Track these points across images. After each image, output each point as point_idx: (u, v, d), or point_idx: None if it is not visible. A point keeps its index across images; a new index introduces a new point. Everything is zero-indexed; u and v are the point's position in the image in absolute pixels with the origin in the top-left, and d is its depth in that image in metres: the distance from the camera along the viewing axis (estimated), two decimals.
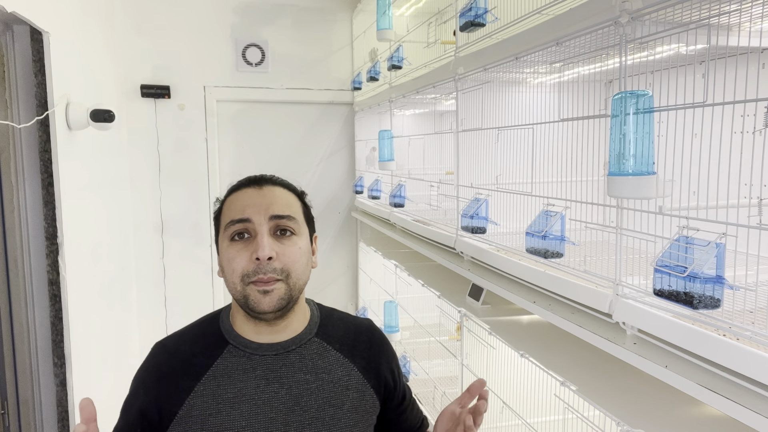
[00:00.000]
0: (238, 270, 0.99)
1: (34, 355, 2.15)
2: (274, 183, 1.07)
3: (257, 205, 1.01)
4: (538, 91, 2.01)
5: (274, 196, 1.04)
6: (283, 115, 3.78)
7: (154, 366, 1.08)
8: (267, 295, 0.98)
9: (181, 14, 3.47)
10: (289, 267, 1.00)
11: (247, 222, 1.00)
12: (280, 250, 0.99)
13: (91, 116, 2.20)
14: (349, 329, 1.14)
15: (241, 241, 1.00)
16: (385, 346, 1.16)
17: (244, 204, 1.02)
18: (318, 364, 1.06)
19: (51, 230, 2.13)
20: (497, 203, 1.89)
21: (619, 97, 1.13)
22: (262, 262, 0.97)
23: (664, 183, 1.12)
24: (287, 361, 1.05)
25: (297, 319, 1.07)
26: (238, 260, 0.99)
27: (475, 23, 1.83)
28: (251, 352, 1.04)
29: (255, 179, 1.06)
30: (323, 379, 1.05)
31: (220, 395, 1.01)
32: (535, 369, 1.57)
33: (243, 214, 1.00)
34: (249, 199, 1.02)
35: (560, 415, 1.45)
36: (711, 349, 1.02)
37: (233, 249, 1.00)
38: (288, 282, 1.00)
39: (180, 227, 3.57)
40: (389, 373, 1.13)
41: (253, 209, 1.00)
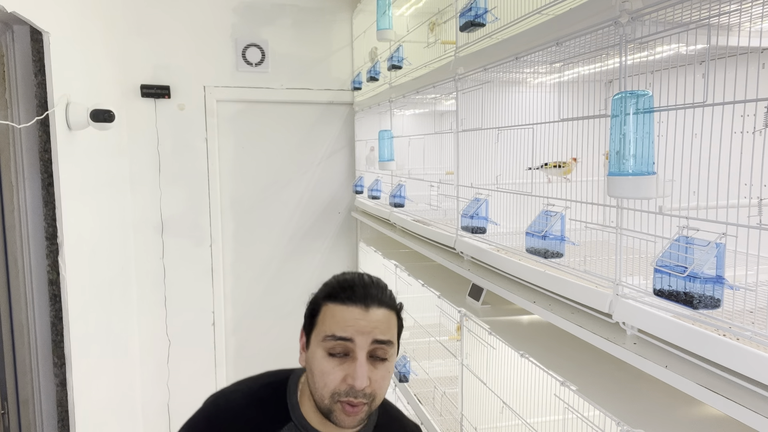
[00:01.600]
0: (330, 386, 1.00)
1: (34, 355, 2.15)
2: (380, 303, 1.05)
3: (361, 329, 1.01)
4: (538, 91, 2.01)
5: (379, 320, 1.03)
6: (283, 115, 3.78)
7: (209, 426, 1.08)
8: (350, 417, 1.01)
9: (181, 14, 3.47)
10: (376, 392, 1.03)
11: (348, 342, 1.01)
12: (373, 376, 1.01)
13: (91, 116, 2.20)
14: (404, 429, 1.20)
15: (337, 358, 1.01)
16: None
17: (348, 323, 1.01)
18: None
19: (51, 230, 2.13)
20: (497, 203, 1.89)
21: (619, 97, 1.13)
22: (356, 390, 0.99)
23: (664, 183, 1.12)
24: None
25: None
26: (332, 377, 1.00)
27: (475, 23, 1.83)
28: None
29: (363, 296, 1.04)
30: None
31: None
32: (535, 369, 1.57)
33: (345, 333, 1.00)
34: (354, 321, 1.01)
35: (560, 415, 1.45)
36: (711, 349, 1.02)
37: (329, 364, 1.01)
38: (371, 404, 1.03)
39: (180, 227, 3.57)
40: None
41: (356, 330, 1.01)
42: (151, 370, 3.52)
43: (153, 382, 3.53)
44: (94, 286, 2.55)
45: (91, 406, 2.37)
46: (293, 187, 3.82)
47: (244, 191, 3.75)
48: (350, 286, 1.04)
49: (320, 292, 1.07)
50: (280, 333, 3.78)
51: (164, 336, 3.56)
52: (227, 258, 3.74)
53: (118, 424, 2.93)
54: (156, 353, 3.54)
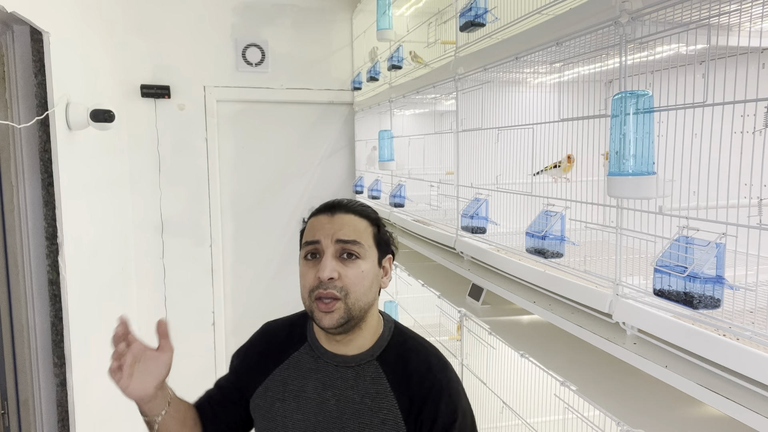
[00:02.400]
0: (307, 285, 1.10)
1: (34, 355, 2.14)
2: (346, 210, 1.15)
3: (326, 230, 1.11)
4: (538, 91, 2.01)
5: (343, 223, 1.12)
6: (283, 115, 3.78)
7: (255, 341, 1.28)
8: (328, 315, 1.07)
9: (181, 14, 3.47)
10: (348, 287, 1.08)
11: (316, 244, 1.10)
12: (342, 271, 1.08)
13: (91, 116, 2.20)
14: (411, 364, 1.13)
15: (312, 260, 1.11)
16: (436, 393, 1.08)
17: (316, 228, 1.12)
18: (368, 388, 1.11)
19: (51, 230, 2.12)
20: (497, 203, 1.89)
21: (619, 97, 1.13)
22: (323, 282, 1.07)
23: (664, 183, 1.12)
24: (344, 375, 1.13)
25: (363, 337, 1.14)
26: (307, 276, 1.10)
27: (475, 23, 1.83)
28: (319, 355, 1.16)
29: (329, 205, 1.16)
30: (366, 404, 1.10)
31: (287, 384, 1.16)
32: (535, 369, 1.57)
33: (314, 236, 1.11)
34: (320, 224, 1.12)
35: (560, 415, 1.45)
36: (711, 349, 1.02)
37: (305, 266, 1.12)
38: (347, 301, 1.08)
39: (180, 227, 3.57)
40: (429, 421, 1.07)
41: (322, 233, 1.11)
42: None
43: None
44: (94, 286, 2.55)
45: (91, 406, 2.37)
46: (293, 187, 3.82)
47: (244, 191, 3.75)
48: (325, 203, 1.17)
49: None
50: None
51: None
52: (227, 258, 3.74)
53: (118, 424, 2.93)
54: None
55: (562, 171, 1.79)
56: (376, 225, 1.17)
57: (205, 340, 3.66)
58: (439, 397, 1.08)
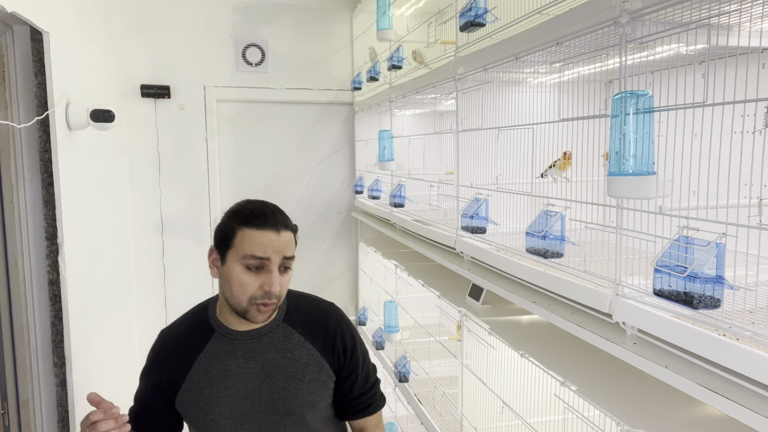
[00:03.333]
0: (248, 293, 1.25)
1: (34, 355, 2.14)
2: (286, 227, 1.30)
3: (275, 247, 1.26)
4: (538, 91, 2.01)
5: (287, 241, 1.29)
6: (283, 115, 3.78)
7: (161, 349, 1.39)
8: (263, 314, 1.27)
9: (181, 14, 3.47)
10: (282, 294, 1.29)
11: (265, 260, 1.25)
12: (281, 282, 1.28)
13: (91, 116, 2.20)
14: (311, 315, 1.39)
15: (254, 271, 1.26)
16: (340, 327, 1.39)
17: (265, 245, 1.25)
18: (285, 345, 1.34)
19: (51, 230, 2.12)
20: (497, 203, 1.89)
21: (619, 97, 1.13)
22: (271, 294, 1.25)
23: (664, 183, 1.12)
24: (260, 344, 1.33)
25: None
26: (250, 286, 1.25)
27: (475, 23, 1.83)
28: (233, 337, 1.34)
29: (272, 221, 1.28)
30: (288, 358, 1.33)
31: (210, 371, 1.31)
32: (535, 369, 1.57)
33: (264, 253, 1.25)
34: (270, 243, 1.26)
35: (560, 415, 1.45)
36: (711, 349, 1.02)
37: (247, 276, 1.25)
38: (279, 301, 1.30)
39: (180, 227, 3.57)
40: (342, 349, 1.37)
41: (271, 249, 1.25)
42: None
43: None
44: (94, 286, 2.55)
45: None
46: (293, 187, 3.82)
47: (244, 191, 3.75)
48: (262, 213, 1.29)
49: (233, 218, 1.30)
50: None
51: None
52: None
53: None
54: None
55: (558, 169, 1.79)
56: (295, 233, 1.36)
57: None
58: (342, 330, 1.38)
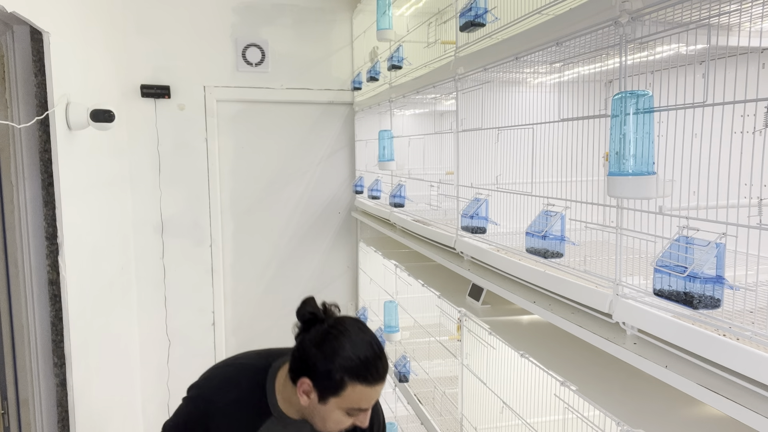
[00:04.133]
0: (337, 428, 1.33)
1: (34, 355, 2.15)
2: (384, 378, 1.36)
3: (373, 398, 1.32)
4: (538, 91, 2.01)
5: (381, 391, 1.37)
6: (283, 115, 3.78)
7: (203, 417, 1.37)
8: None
9: (181, 14, 3.47)
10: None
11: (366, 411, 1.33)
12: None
13: (91, 116, 2.20)
14: None
15: (351, 414, 1.31)
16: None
17: (371, 398, 1.31)
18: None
19: (51, 230, 2.12)
20: (497, 203, 1.89)
21: (619, 97, 1.13)
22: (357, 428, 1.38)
23: (664, 183, 1.12)
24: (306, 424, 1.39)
25: None
26: (342, 423, 1.32)
27: (475, 23, 1.83)
28: (288, 423, 1.39)
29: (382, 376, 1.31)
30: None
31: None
32: (535, 369, 1.57)
33: (368, 405, 1.31)
34: (372, 396, 1.31)
35: (560, 415, 1.45)
36: (711, 349, 1.02)
37: (344, 417, 1.31)
38: None
39: (180, 227, 3.57)
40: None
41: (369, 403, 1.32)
42: (151, 370, 3.52)
43: (153, 382, 3.53)
44: (94, 286, 2.55)
45: (91, 406, 2.37)
46: (293, 187, 3.82)
47: (244, 191, 3.75)
48: (375, 368, 1.29)
49: (345, 367, 1.26)
50: (280, 333, 3.77)
51: (164, 336, 3.56)
52: (227, 258, 3.74)
53: (118, 424, 2.93)
54: (156, 353, 3.54)
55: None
56: None
57: (205, 340, 3.66)
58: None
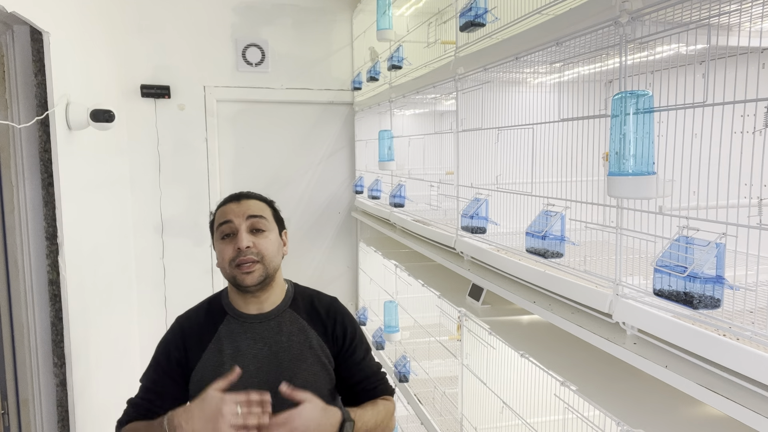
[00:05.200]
0: (226, 258, 1.39)
1: (34, 355, 2.14)
2: (249, 196, 1.47)
3: (236, 212, 1.41)
4: (538, 91, 2.01)
5: (249, 205, 1.43)
6: (283, 115, 3.78)
7: (179, 330, 1.47)
8: (249, 275, 1.37)
9: (181, 14, 3.47)
10: (262, 252, 1.39)
11: (230, 223, 1.39)
12: (255, 241, 1.39)
13: (91, 116, 2.20)
14: (314, 303, 1.51)
15: (228, 239, 1.40)
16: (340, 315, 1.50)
17: (226, 212, 1.41)
18: (290, 329, 1.44)
19: (51, 230, 2.12)
20: (497, 203, 1.89)
21: (619, 97, 1.13)
22: (242, 251, 1.36)
23: (664, 183, 1.12)
24: (268, 327, 1.44)
25: (275, 294, 1.47)
26: (226, 251, 1.39)
27: (475, 23, 1.83)
28: (243, 320, 1.44)
29: (235, 195, 1.46)
30: (293, 340, 1.43)
31: (223, 351, 1.41)
32: (535, 369, 1.57)
33: (226, 217, 1.40)
34: (230, 209, 1.42)
35: (560, 415, 1.45)
36: (711, 349, 1.02)
37: (222, 244, 1.40)
38: (264, 263, 1.39)
39: (180, 227, 3.57)
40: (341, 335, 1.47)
41: (233, 214, 1.40)
42: None
43: None
44: (94, 286, 2.55)
45: (91, 406, 2.37)
46: (293, 187, 3.82)
47: None
48: (230, 194, 1.47)
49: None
50: None
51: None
52: None
53: None
54: None
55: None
56: (272, 207, 1.51)
57: None
58: (343, 319, 1.50)
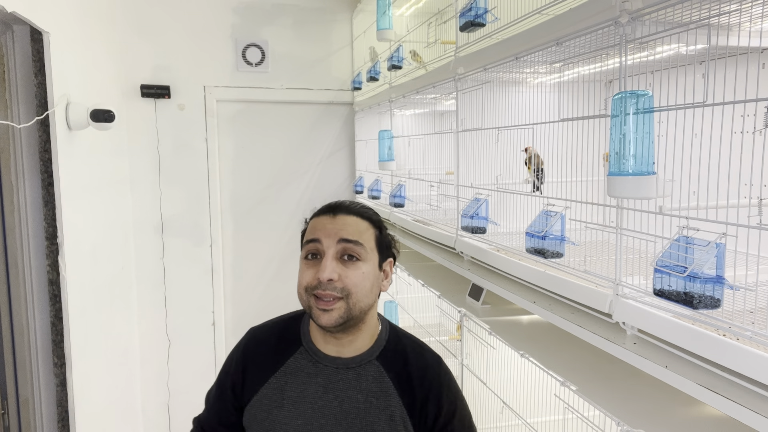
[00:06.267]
0: (303, 283, 1.10)
1: (34, 355, 2.15)
2: (348, 211, 1.15)
3: (328, 230, 1.11)
4: (538, 91, 2.01)
5: (345, 223, 1.12)
6: (283, 115, 3.78)
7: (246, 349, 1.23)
8: (326, 313, 1.07)
9: (181, 14, 3.47)
10: (349, 288, 1.08)
11: (317, 243, 1.10)
12: (343, 273, 1.08)
13: (91, 116, 2.20)
14: (408, 363, 1.16)
15: (312, 260, 1.11)
16: (436, 386, 1.15)
17: (317, 228, 1.12)
18: (371, 387, 1.13)
19: (51, 230, 2.12)
20: (497, 203, 1.89)
21: (619, 97, 1.13)
22: (322, 283, 1.06)
23: (664, 183, 1.12)
24: (345, 377, 1.13)
25: (362, 338, 1.15)
26: (305, 275, 1.10)
27: (475, 23, 1.83)
28: (317, 359, 1.15)
29: (332, 206, 1.16)
30: (371, 403, 1.12)
31: (286, 391, 1.14)
32: (535, 369, 1.57)
33: (314, 235, 1.11)
34: (322, 224, 1.12)
35: (560, 415, 1.45)
36: (711, 349, 1.02)
37: (305, 266, 1.11)
38: (348, 301, 1.08)
39: (180, 227, 3.57)
40: (434, 414, 1.13)
41: (323, 232, 1.11)
42: (151, 370, 3.52)
43: (153, 382, 3.52)
44: (94, 286, 2.55)
45: (91, 406, 2.37)
46: (293, 187, 3.82)
47: (244, 191, 3.75)
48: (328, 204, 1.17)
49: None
50: None
51: (164, 336, 3.56)
52: (227, 258, 3.74)
53: (118, 424, 2.93)
54: (156, 353, 3.54)
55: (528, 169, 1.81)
56: (378, 228, 1.17)
57: (205, 340, 3.66)
58: (440, 392, 1.14)
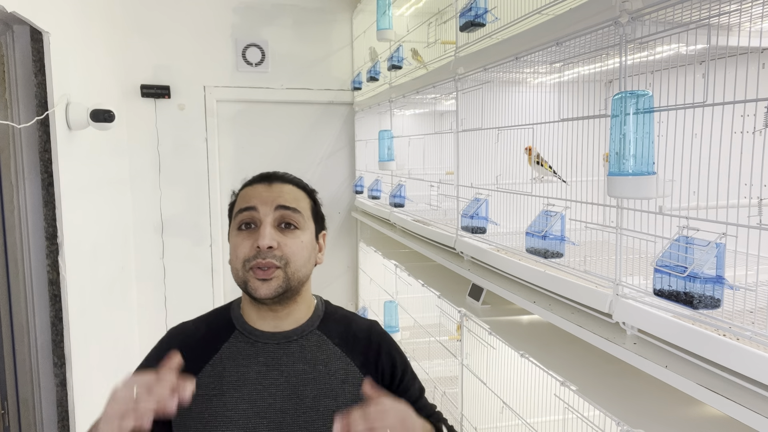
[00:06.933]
0: (240, 256, 1.03)
1: (34, 355, 2.14)
2: (284, 180, 1.11)
3: (264, 197, 1.05)
4: (538, 91, 2.01)
5: (282, 191, 1.08)
6: (283, 115, 3.78)
7: (168, 343, 1.11)
8: (265, 283, 1.02)
9: (181, 14, 3.47)
10: (288, 256, 1.04)
11: (253, 210, 1.04)
12: (281, 240, 1.03)
13: (91, 116, 2.20)
14: (350, 327, 1.16)
15: (247, 230, 1.05)
16: (386, 343, 1.16)
17: (251, 195, 1.07)
18: (317, 356, 1.09)
19: (51, 230, 2.12)
20: (497, 203, 1.89)
21: (619, 97, 1.13)
22: (262, 251, 1.01)
23: (664, 183, 1.12)
24: (288, 351, 1.08)
25: (299, 310, 1.11)
26: (242, 247, 1.03)
27: (475, 23, 1.83)
28: (255, 339, 1.08)
29: (266, 175, 1.11)
30: (320, 371, 1.08)
31: (224, 377, 1.06)
32: (535, 369, 1.57)
33: (249, 203, 1.05)
34: (257, 192, 1.07)
35: (560, 415, 1.45)
36: (711, 349, 1.02)
37: (239, 237, 1.05)
38: (286, 270, 1.03)
39: (180, 227, 3.57)
40: (389, 368, 1.13)
41: (259, 200, 1.05)
42: None
43: None
44: (94, 286, 2.55)
45: (91, 406, 2.37)
46: None
47: None
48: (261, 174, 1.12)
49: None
50: None
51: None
52: (227, 258, 3.73)
53: None
54: None
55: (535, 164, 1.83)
56: (313, 199, 1.15)
57: None
58: (389, 346, 1.16)
